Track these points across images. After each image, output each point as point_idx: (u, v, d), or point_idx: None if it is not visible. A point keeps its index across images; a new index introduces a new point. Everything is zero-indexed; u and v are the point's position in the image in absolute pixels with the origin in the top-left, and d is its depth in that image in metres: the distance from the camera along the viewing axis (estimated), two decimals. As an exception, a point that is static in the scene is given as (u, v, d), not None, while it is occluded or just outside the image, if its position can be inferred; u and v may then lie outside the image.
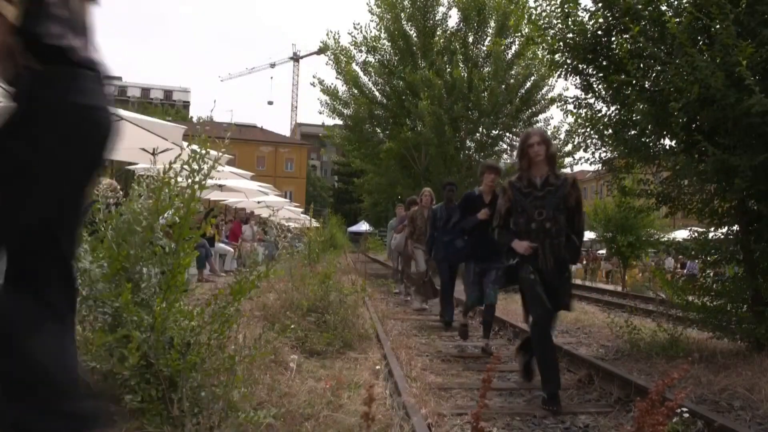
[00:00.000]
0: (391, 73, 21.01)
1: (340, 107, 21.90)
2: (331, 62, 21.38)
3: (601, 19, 5.17)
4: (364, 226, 43.02)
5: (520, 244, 3.62)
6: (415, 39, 20.86)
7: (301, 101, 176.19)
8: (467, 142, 20.83)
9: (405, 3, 20.63)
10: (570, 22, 5.31)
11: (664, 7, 4.81)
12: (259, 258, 7.64)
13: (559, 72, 5.63)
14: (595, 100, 5.58)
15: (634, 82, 4.88)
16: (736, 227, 5.04)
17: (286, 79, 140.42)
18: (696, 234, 5.39)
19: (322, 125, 30.90)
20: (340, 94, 21.87)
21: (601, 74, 5.34)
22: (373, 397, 1.52)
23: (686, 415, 2.99)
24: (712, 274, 5.59)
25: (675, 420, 2.89)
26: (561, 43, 5.40)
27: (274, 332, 4.20)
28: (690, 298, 5.27)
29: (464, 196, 5.63)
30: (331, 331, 4.78)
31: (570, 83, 5.64)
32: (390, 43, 21.11)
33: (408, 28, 20.84)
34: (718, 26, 4.19)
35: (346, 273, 9.90)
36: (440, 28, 21.09)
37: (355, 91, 21.44)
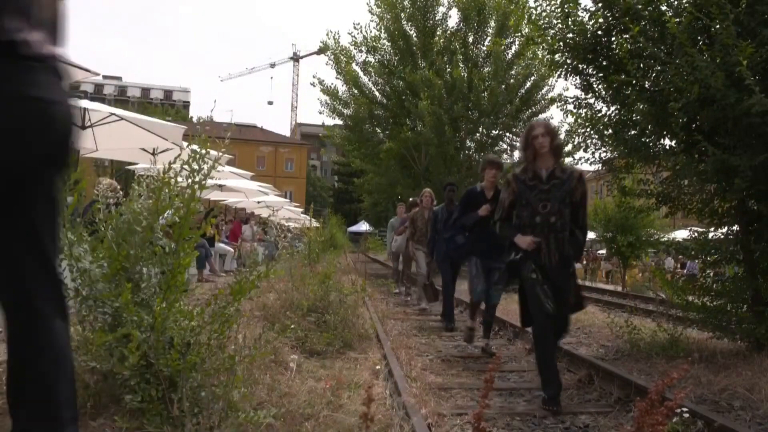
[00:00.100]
0: (391, 73, 21.02)
1: (340, 107, 21.91)
2: (331, 62, 21.41)
3: (601, 19, 5.17)
4: (364, 226, 43.05)
5: (523, 239, 3.53)
6: (415, 39, 20.86)
7: (301, 101, 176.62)
8: (467, 142, 20.85)
9: (405, 3, 20.64)
10: (570, 22, 5.30)
11: (664, 7, 4.80)
12: (259, 258, 7.63)
13: (559, 72, 5.62)
14: (595, 100, 5.58)
15: (634, 82, 4.88)
16: (736, 227, 5.03)
17: (286, 79, 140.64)
18: (696, 234, 5.39)
19: (322, 125, 30.94)
20: (340, 94, 21.89)
21: (601, 74, 5.34)
22: (372, 398, 1.51)
23: (686, 415, 2.99)
24: (712, 274, 5.59)
25: (675, 420, 2.89)
26: (561, 43, 5.40)
27: (274, 332, 4.20)
28: (690, 298, 5.26)
29: (466, 192, 5.56)
30: (331, 331, 4.78)
31: (570, 83, 5.63)
32: (390, 43, 21.13)
33: (408, 28, 20.85)
34: (718, 26, 4.19)
35: (346, 273, 9.90)
36: (440, 28, 21.10)
37: (355, 91, 21.46)
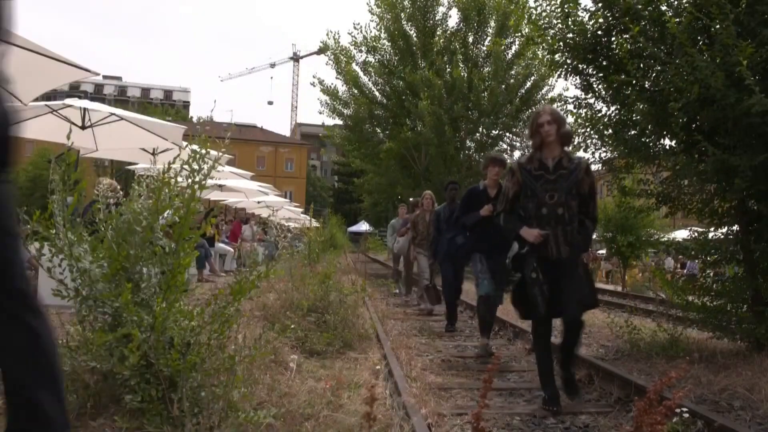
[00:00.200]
0: (391, 73, 21.03)
1: (340, 107, 21.93)
2: (331, 62, 21.42)
3: (601, 19, 5.17)
4: (364, 226, 43.05)
5: (530, 232, 3.35)
6: (415, 39, 20.88)
7: (301, 101, 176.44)
8: (467, 142, 20.88)
9: (405, 3, 20.66)
10: (570, 22, 5.30)
11: (664, 7, 4.80)
12: (259, 258, 7.63)
13: (559, 72, 5.62)
14: (595, 100, 5.58)
15: (634, 82, 4.88)
16: (736, 227, 5.03)
17: (286, 79, 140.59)
18: (696, 234, 5.39)
19: (322, 125, 30.96)
20: (340, 94, 21.91)
21: (601, 74, 5.34)
22: (376, 397, 1.52)
23: (686, 415, 2.99)
24: (712, 274, 5.58)
25: (675, 420, 2.89)
26: (561, 43, 5.39)
27: (274, 332, 4.20)
28: (690, 298, 5.26)
29: (468, 190, 5.39)
30: (331, 331, 4.78)
31: (570, 83, 5.62)
32: (390, 43, 21.14)
33: (408, 28, 20.86)
34: (718, 26, 4.19)
35: (346, 273, 9.90)
36: (440, 28, 21.13)
37: (355, 91, 21.47)
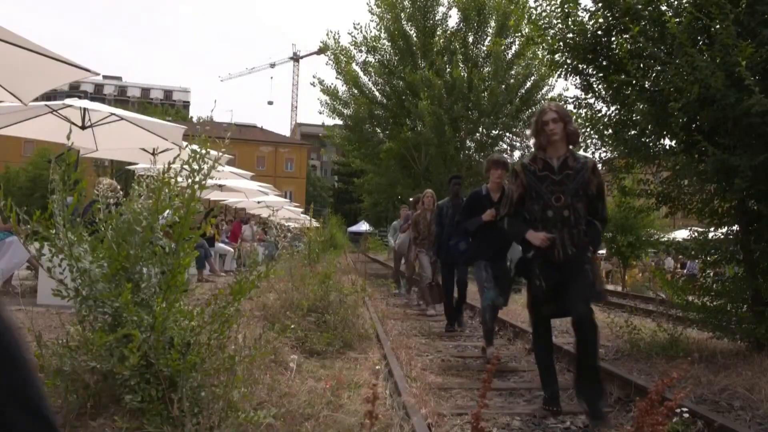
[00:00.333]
0: (391, 73, 21.03)
1: (340, 107, 21.92)
2: (331, 62, 21.42)
3: (601, 19, 5.17)
4: (364, 226, 43.06)
5: (536, 236, 3.24)
6: (415, 39, 20.88)
7: (301, 101, 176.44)
8: (467, 142, 20.87)
9: (405, 3, 20.65)
10: (570, 22, 5.30)
11: (664, 7, 4.80)
12: (259, 258, 7.63)
13: (559, 72, 5.62)
14: (595, 100, 5.57)
15: (634, 82, 4.88)
16: (736, 227, 5.03)
17: (286, 79, 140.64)
18: (696, 234, 5.38)
19: (322, 125, 30.96)
20: (340, 94, 21.91)
21: (601, 74, 5.33)
22: (377, 396, 1.51)
23: (686, 415, 2.99)
24: (712, 274, 5.58)
25: (675, 420, 2.89)
26: (561, 43, 5.39)
27: (274, 332, 4.20)
28: (690, 298, 5.26)
29: (470, 195, 5.33)
30: (331, 331, 4.78)
31: (570, 83, 5.62)
32: (390, 43, 21.14)
33: (408, 28, 20.86)
34: (718, 26, 4.19)
35: (346, 273, 9.88)
36: (440, 28, 21.12)
37: (355, 91, 21.47)
